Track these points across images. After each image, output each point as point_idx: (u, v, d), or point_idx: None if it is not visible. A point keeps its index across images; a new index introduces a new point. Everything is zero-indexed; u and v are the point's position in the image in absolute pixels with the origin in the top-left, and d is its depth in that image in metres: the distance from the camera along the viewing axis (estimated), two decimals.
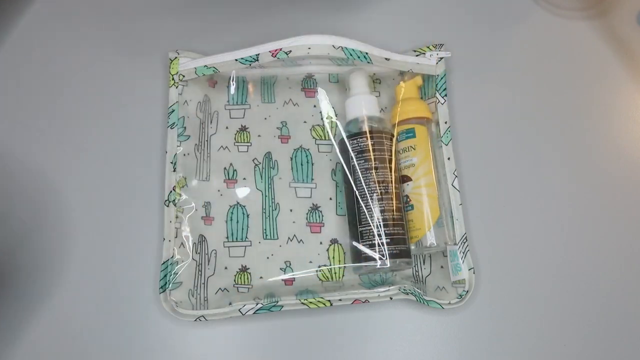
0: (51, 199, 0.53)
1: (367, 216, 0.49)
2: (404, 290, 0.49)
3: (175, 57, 0.55)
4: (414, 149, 0.51)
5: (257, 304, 0.49)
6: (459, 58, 0.57)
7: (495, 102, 0.57)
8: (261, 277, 0.51)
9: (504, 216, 0.53)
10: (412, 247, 0.50)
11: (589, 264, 0.52)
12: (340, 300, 0.49)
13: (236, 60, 0.53)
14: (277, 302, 0.49)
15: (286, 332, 0.50)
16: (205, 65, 0.53)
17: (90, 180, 0.54)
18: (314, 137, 0.55)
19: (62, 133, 0.56)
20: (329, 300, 0.48)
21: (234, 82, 0.56)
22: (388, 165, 0.50)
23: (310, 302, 0.49)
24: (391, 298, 0.49)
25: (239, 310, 0.49)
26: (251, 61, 0.52)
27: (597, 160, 0.55)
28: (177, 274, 0.50)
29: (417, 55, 0.55)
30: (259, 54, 0.52)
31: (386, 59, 0.53)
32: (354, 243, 0.49)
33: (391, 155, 0.50)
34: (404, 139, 0.52)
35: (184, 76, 0.54)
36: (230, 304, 0.49)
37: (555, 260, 0.52)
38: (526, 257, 0.52)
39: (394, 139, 0.52)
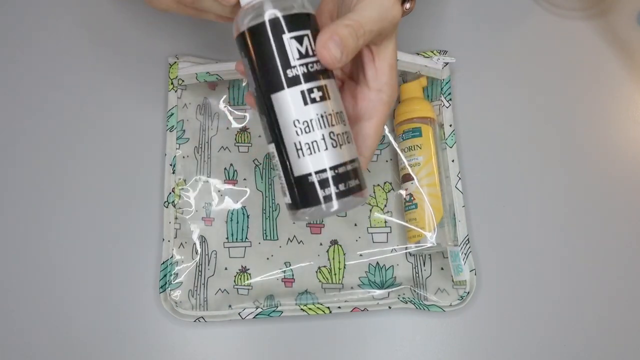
0: (52, 200, 0.53)
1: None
2: (403, 299, 0.49)
3: (175, 62, 0.55)
4: (420, 148, 0.51)
5: (256, 308, 0.49)
6: (460, 59, 0.57)
7: (496, 103, 0.57)
8: (261, 278, 0.51)
9: (505, 218, 0.53)
10: (413, 247, 0.50)
11: (589, 265, 0.52)
12: (339, 307, 0.49)
13: None
14: (277, 307, 0.49)
15: (286, 334, 0.50)
16: (208, 72, 0.53)
17: (91, 181, 0.54)
18: None
19: (64, 136, 0.55)
20: (328, 308, 0.49)
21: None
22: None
23: (310, 309, 0.49)
24: (390, 307, 0.49)
25: (238, 314, 0.49)
26: None
27: (597, 160, 0.55)
28: (176, 274, 0.50)
29: (424, 58, 0.55)
30: None
31: None
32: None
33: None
34: (410, 138, 0.52)
35: (183, 80, 0.54)
36: (230, 306, 0.49)
37: (556, 262, 0.52)
38: (527, 259, 0.52)
39: None
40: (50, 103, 0.56)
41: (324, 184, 0.33)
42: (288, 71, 0.33)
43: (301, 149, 0.34)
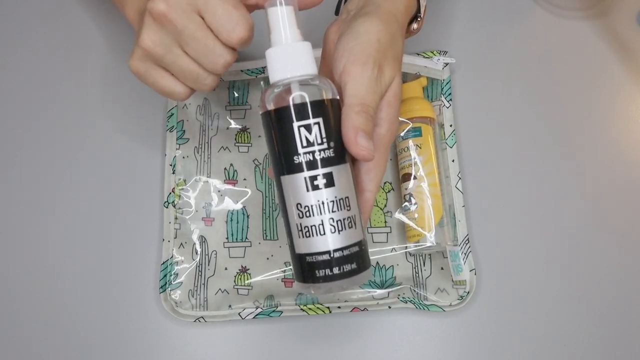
0: (53, 201, 0.53)
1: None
2: (403, 299, 0.50)
3: None
4: (420, 148, 0.51)
5: (256, 308, 0.49)
6: (460, 59, 0.57)
7: (496, 104, 0.57)
8: (261, 278, 0.51)
9: (505, 218, 0.53)
10: (413, 246, 0.50)
11: (589, 265, 0.52)
12: (339, 307, 0.49)
13: (242, 71, 0.53)
14: (277, 307, 0.49)
15: (286, 334, 0.50)
16: None
17: (92, 182, 0.54)
18: None
19: (64, 136, 0.55)
20: (328, 308, 0.49)
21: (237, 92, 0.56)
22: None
23: (310, 309, 0.49)
24: (390, 307, 0.49)
25: (238, 314, 0.49)
26: (258, 73, 0.53)
27: (597, 160, 0.55)
28: (176, 274, 0.50)
29: (424, 58, 0.55)
30: (265, 67, 0.52)
31: None
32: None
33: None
34: (410, 137, 0.52)
35: None
36: (230, 306, 0.49)
37: (556, 262, 0.52)
38: (527, 259, 0.52)
39: None
40: (51, 104, 0.56)
41: (319, 266, 0.35)
42: (295, 158, 0.35)
43: (301, 230, 0.35)
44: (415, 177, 0.51)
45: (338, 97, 0.37)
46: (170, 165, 0.53)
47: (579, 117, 0.57)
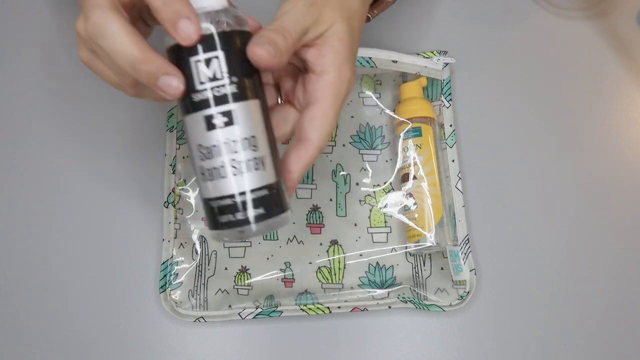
0: (53, 201, 0.53)
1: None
2: (403, 299, 0.50)
3: None
4: (420, 148, 0.51)
5: (256, 308, 0.49)
6: (460, 59, 0.57)
7: (496, 103, 0.57)
8: (261, 278, 0.51)
9: (505, 218, 0.53)
10: (413, 246, 0.50)
11: (589, 265, 0.52)
12: (339, 307, 0.49)
13: None
14: (277, 307, 0.49)
15: (286, 334, 0.50)
16: None
17: (92, 182, 0.54)
18: None
19: (64, 136, 0.55)
20: (328, 308, 0.49)
21: None
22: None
23: (310, 309, 0.49)
24: (390, 307, 0.49)
25: (238, 314, 0.49)
26: None
27: (597, 160, 0.55)
28: (176, 274, 0.50)
29: (424, 58, 0.55)
30: None
31: (393, 61, 0.52)
32: None
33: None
34: (410, 137, 0.52)
35: None
36: (230, 306, 0.49)
37: (556, 262, 0.52)
38: (527, 259, 0.52)
39: None
40: (51, 103, 0.56)
41: (223, 210, 0.33)
42: (193, 95, 0.32)
43: (204, 173, 0.33)
44: (415, 177, 0.51)
45: (249, 30, 0.34)
46: (170, 165, 0.53)
47: (579, 117, 0.57)
